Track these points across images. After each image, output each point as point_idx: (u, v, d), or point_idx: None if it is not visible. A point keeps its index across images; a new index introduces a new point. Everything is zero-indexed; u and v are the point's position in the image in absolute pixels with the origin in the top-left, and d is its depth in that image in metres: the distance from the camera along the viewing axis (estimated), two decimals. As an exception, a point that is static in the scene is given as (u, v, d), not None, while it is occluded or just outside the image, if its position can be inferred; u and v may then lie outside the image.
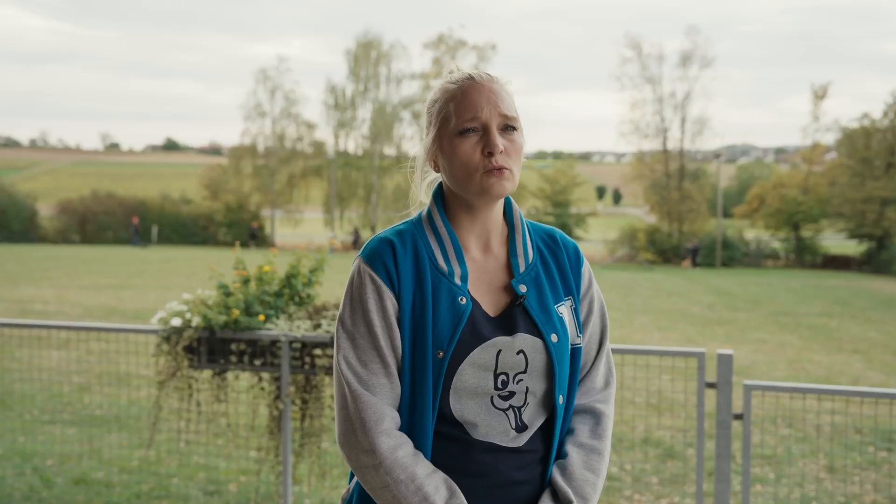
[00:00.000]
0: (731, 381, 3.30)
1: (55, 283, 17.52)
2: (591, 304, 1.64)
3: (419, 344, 1.48)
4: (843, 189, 37.56)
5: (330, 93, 46.19)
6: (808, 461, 5.45)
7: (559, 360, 1.53)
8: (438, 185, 1.63)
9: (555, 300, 1.57)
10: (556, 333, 1.53)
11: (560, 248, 1.63)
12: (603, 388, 1.64)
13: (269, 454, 3.96)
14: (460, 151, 1.51)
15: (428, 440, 1.48)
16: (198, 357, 3.87)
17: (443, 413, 1.49)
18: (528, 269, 1.57)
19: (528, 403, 1.52)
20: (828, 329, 13.38)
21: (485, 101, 1.51)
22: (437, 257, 1.54)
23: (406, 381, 1.50)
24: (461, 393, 1.48)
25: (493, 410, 1.50)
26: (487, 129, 1.50)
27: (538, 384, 1.52)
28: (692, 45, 49.73)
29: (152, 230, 44.17)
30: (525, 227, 1.62)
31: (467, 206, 1.56)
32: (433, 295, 1.50)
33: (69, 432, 5.59)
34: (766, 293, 20.61)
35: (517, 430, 1.51)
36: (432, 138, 1.57)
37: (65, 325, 4.29)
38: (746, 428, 3.29)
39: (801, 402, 6.07)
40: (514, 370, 1.50)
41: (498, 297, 1.55)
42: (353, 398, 1.48)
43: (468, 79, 1.54)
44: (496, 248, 1.59)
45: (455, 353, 1.47)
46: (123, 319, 11.86)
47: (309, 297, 4.09)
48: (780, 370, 9.26)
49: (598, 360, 1.65)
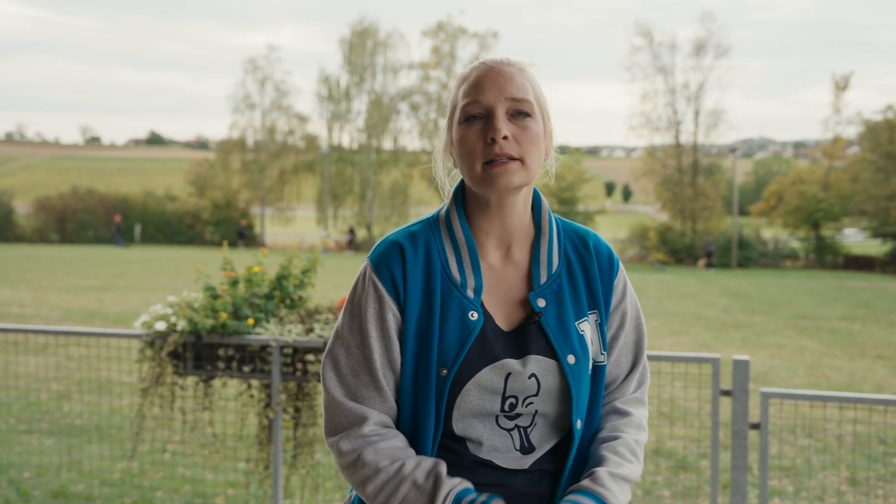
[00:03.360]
0: (748, 388, 3.30)
1: (33, 285, 17.52)
2: (624, 318, 1.58)
3: (423, 359, 1.46)
4: (865, 185, 37.56)
5: (323, 83, 46.23)
6: (829, 473, 5.45)
7: (576, 383, 1.48)
8: (460, 182, 1.58)
9: (576, 316, 1.52)
10: (573, 354, 1.48)
11: (591, 256, 1.57)
12: (630, 394, 1.62)
13: (258, 466, 3.96)
14: (464, 140, 1.47)
15: (428, 454, 1.48)
16: (183, 363, 3.87)
17: (447, 429, 1.48)
18: (550, 279, 1.52)
19: (536, 424, 1.49)
20: (850, 333, 13.38)
21: (490, 84, 1.46)
22: (451, 265, 1.50)
23: (408, 398, 1.48)
24: (465, 413, 1.47)
25: (497, 429, 1.48)
26: (491, 114, 1.46)
27: (550, 407, 1.49)
28: (706, 33, 49.67)
29: (135, 229, 44.18)
30: (554, 229, 1.56)
31: (485, 204, 1.51)
32: (442, 307, 1.47)
33: (47, 443, 5.59)
34: (785, 295, 20.61)
35: (522, 451, 1.49)
36: (446, 128, 1.55)
37: (43, 330, 4.29)
38: (764, 438, 3.29)
39: (821, 411, 6.05)
40: (524, 394, 1.47)
41: (513, 311, 1.51)
42: (338, 407, 1.48)
43: (482, 64, 1.51)
44: (518, 253, 1.54)
45: (460, 372, 1.45)
46: (105, 323, 11.86)
47: (301, 300, 4.09)
48: (800, 377, 9.26)
49: (630, 377, 1.61)
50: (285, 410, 3.85)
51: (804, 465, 5.60)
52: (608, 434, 1.54)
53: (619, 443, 1.52)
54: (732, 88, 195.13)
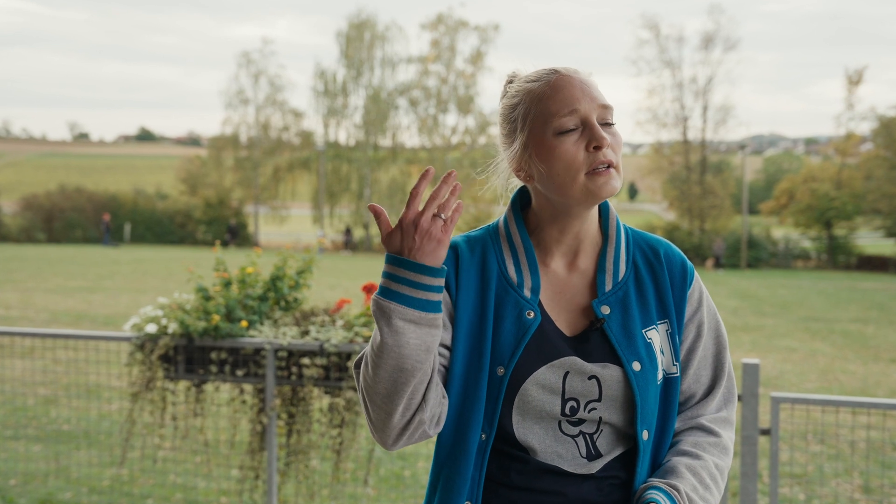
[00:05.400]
0: (758, 393, 3.30)
1: (19, 286, 17.52)
2: (700, 328, 1.57)
3: (474, 358, 1.48)
4: (879, 183, 37.56)
5: (319, 78, 46.24)
6: (842, 480, 5.46)
7: (642, 392, 1.47)
8: (517, 192, 1.61)
9: (644, 324, 1.51)
10: (639, 361, 1.47)
11: (661, 266, 1.57)
12: (714, 412, 1.58)
13: (251, 473, 3.96)
14: (561, 152, 1.46)
15: (470, 458, 1.48)
16: (174, 367, 3.87)
17: (504, 432, 1.48)
18: (616, 287, 1.53)
19: (602, 431, 1.49)
20: (863, 336, 13.39)
21: (580, 93, 1.47)
22: (508, 266, 1.53)
23: (456, 394, 1.49)
24: (526, 414, 1.47)
25: (561, 436, 1.47)
26: (588, 123, 1.46)
27: (615, 415, 1.48)
28: (715, 25, 49.93)
29: (125, 228, 44.20)
30: (623, 238, 1.57)
31: (557, 214, 1.53)
32: (496, 307, 1.50)
33: (34, 449, 5.59)
34: (796, 297, 20.62)
35: (589, 458, 1.48)
36: (522, 145, 1.52)
37: (29, 332, 4.29)
38: (774, 444, 3.29)
39: (833, 416, 6.06)
40: (584, 397, 1.47)
41: (577, 318, 1.52)
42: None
43: (552, 72, 1.50)
44: (584, 262, 1.56)
45: (517, 371, 1.46)
46: (93, 326, 11.87)
47: (296, 302, 4.09)
48: (811, 381, 9.27)
49: (713, 392, 1.58)
50: (279, 416, 3.85)
51: (816, 472, 5.60)
52: (689, 449, 1.52)
53: (700, 465, 1.49)
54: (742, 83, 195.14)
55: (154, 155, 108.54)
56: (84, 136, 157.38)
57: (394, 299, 1.39)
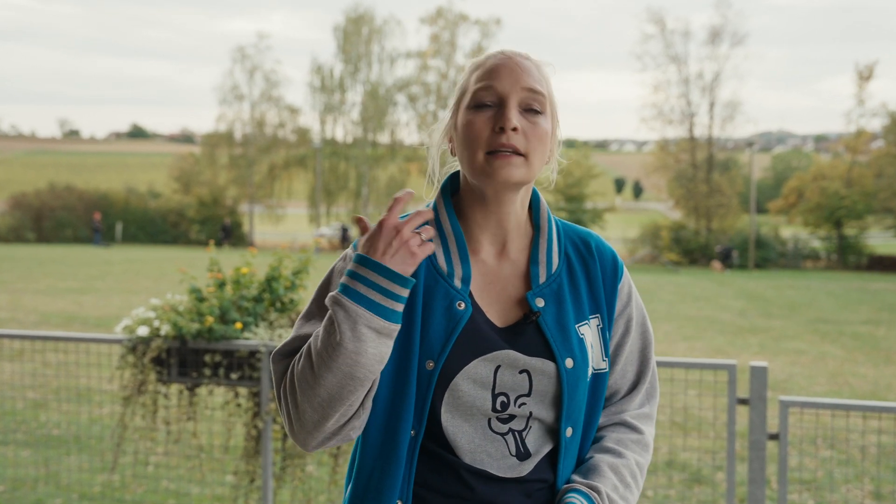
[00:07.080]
0: (766, 396, 3.30)
1: (8, 287, 17.53)
2: (629, 324, 1.59)
3: (403, 352, 1.46)
4: (891, 181, 37.60)
5: (315, 73, 46.26)
6: (852, 486, 5.46)
7: (570, 389, 1.48)
8: (449, 176, 1.61)
9: (577, 318, 1.52)
10: (572, 358, 1.48)
11: (594, 258, 1.58)
12: (637, 408, 1.61)
13: (246, 479, 3.96)
14: (468, 124, 1.48)
15: (401, 456, 1.47)
16: (167, 370, 3.87)
17: (432, 430, 1.48)
18: (550, 279, 1.53)
19: (531, 428, 1.49)
20: (874, 338, 13.38)
21: (506, 72, 1.48)
22: (437, 255, 1.51)
23: (385, 390, 1.47)
24: (456, 411, 1.46)
25: (491, 434, 1.47)
26: (504, 103, 1.46)
27: (544, 411, 1.49)
28: (722, 19, 49.82)
29: (116, 227, 44.22)
30: (554, 230, 1.58)
31: (481, 197, 1.52)
32: (426, 298, 1.48)
33: (23, 454, 5.59)
34: (805, 298, 20.62)
35: (519, 457, 1.48)
36: (452, 114, 1.56)
37: (18, 335, 4.29)
38: (783, 449, 3.29)
39: (843, 421, 6.06)
40: (515, 391, 1.46)
41: (509, 309, 1.51)
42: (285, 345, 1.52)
43: (499, 52, 1.53)
44: (515, 252, 1.55)
45: (447, 365, 1.45)
46: (84, 328, 11.86)
47: (292, 303, 4.09)
48: (821, 384, 9.27)
49: (637, 388, 1.61)
50: (275, 420, 3.86)
51: (825, 477, 5.60)
52: (612, 446, 1.54)
53: (622, 463, 1.52)
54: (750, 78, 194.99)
55: (146, 152, 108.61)
56: (74, 132, 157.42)
57: (361, 303, 1.38)
